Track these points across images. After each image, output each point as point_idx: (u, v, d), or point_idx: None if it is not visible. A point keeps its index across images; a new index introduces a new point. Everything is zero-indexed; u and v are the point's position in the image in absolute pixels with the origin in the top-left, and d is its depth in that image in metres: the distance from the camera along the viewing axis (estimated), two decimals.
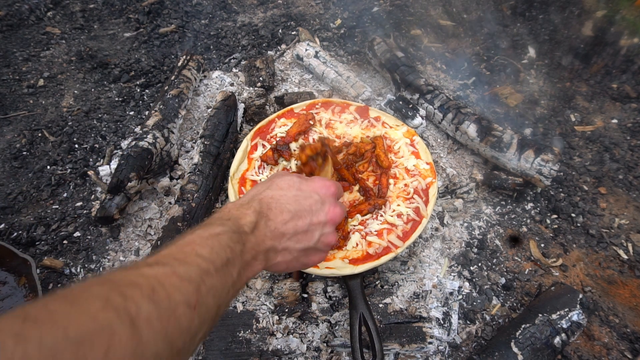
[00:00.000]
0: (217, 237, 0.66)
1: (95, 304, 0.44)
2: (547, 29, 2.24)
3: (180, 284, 0.54)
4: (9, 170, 1.73)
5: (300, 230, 0.81)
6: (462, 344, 1.30)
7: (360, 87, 1.84)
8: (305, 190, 0.86)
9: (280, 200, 0.81)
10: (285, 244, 0.79)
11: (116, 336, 0.43)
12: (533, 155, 1.52)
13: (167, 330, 0.49)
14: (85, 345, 0.40)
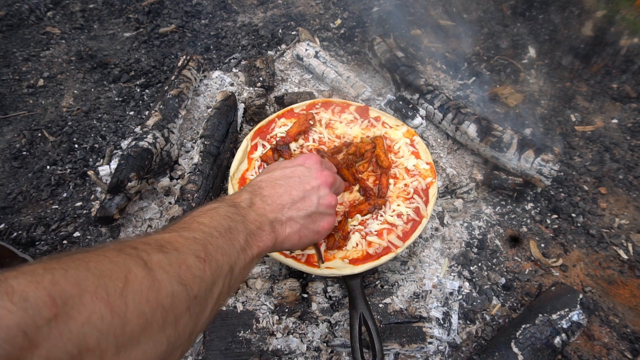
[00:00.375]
0: (215, 209, 0.70)
1: (110, 251, 0.48)
2: (547, 29, 2.24)
3: (186, 242, 0.58)
4: (9, 170, 1.73)
5: (297, 199, 0.85)
6: (462, 344, 1.30)
7: (360, 87, 1.84)
8: (290, 165, 0.92)
9: (269, 180, 0.87)
10: (287, 213, 0.82)
11: (132, 273, 0.46)
12: (533, 155, 1.52)
13: (179, 274, 0.52)
14: (105, 277, 0.44)
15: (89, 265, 0.44)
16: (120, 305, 0.43)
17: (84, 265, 0.43)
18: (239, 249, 0.67)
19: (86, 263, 0.44)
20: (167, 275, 0.50)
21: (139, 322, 0.44)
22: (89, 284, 0.42)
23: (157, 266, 0.50)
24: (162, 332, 0.48)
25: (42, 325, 0.36)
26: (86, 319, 0.40)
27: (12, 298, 0.36)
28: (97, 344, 0.40)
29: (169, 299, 0.49)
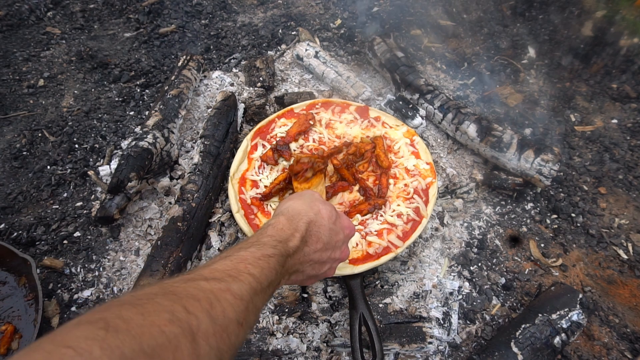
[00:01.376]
0: (268, 259, 0.72)
1: (163, 316, 0.50)
2: (547, 29, 2.24)
3: (234, 301, 0.60)
4: (9, 170, 1.73)
5: (320, 261, 0.89)
6: (462, 344, 1.30)
7: (360, 87, 1.84)
8: (338, 226, 0.94)
9: (320, 229, 0.88)
10: (304, 267, 0.86)
11: (179, 351, 0.49)
12: (533, 155, 1.52)
13: (219, 346, 0.55)
14: (156, 357, 0.46)
15: (143, 343, 0.46)
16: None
17: (139, 343, 0.45)
18: (266, 302, 0.71)
19: (140, 338, 0.46)
20: (209, 349, 0.53)
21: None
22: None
23: (203, 339, 0.52)
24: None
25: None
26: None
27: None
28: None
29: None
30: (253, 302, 0.63)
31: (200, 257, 1.45)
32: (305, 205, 0.92)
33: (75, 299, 1.38)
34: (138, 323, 0.48)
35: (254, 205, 1.43)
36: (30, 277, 1.29)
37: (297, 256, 0.82)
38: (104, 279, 1.43)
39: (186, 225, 1.37)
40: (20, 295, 1.33)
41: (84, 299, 1.38)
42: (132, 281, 1.41)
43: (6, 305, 1.31)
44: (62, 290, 1.40)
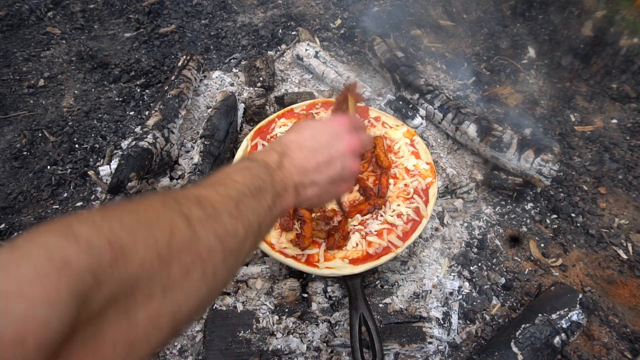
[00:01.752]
0: (248, 168, 0.74)
1: (156, 204, 0.54)
2: (547, 29, 2.25)
3: (221, 199, 0.62)
4: (9, 170, 1.73)
5: (322, 163, 0.88)
6: (462, 344, 1.30)
7: (360, 87, 1.84)
8: (321, 128, 0.94)
9: (298, 141, 0.89)
10: (311, 177, 0.86)
11: (176, 227, 0.52)
12: (533, 155, 1.53)
13: (215, 229, 0.57)
14: (154, 228, 0.49)
15: (140, 217, 0.49)
16: (166, 253, 0.48)
17: (136, 217, 0.49)
18: (267, 208, 0.71)
19: (137, 214, 0.50)
20: (205, 231, 0.55)
21: (181, 270, 0.50)
22: (141, 234, 0.47)
23: (196, 221, 0.55)
24: (202, 281, 0.53)
25: (106, 268, 0.41)
26: (139, 264, 0.45)
27: (80, 242, 0.41)
28: (148, 285, 0.46)
29: (207, 252, 0.55)
30: (243, 201, 0.65)
31: None
32: (279, 137, 0.94)
33: None
34: (132, 207, 0.51)
35: None
36: None
37: (286, 168, 0.82)
38: None
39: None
40: None
41: None
42: None
43: None
44: None
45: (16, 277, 0.35)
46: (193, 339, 1.28)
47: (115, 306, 0.42)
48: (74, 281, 0.38)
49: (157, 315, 0.47)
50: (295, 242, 1.31)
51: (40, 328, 0.34)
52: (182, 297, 0.50)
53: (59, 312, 0.35)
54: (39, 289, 0.35)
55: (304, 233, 1.32)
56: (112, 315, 0.42)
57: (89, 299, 0.39)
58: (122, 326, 0.43)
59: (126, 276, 0.43)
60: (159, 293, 0.47)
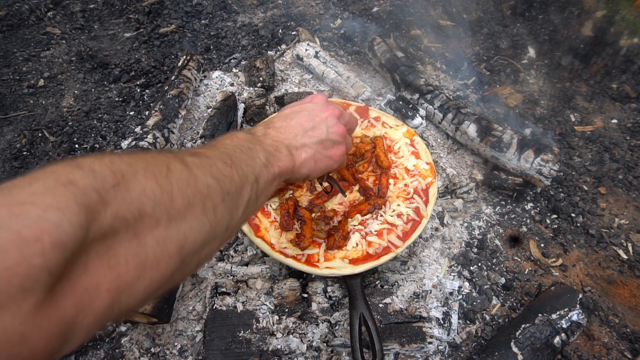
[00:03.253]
0: (235, 135, 0.79)
1: (151, 151, 0.62)
2: (547, 29, 2.25)
3: (214, 153, 0.67)
4: (9, 170, 1.73)
5: (308, 128, 0.93)
6: (462, 344, 1.30)
7: (360, 87, 1.84)
8: (298, 104, 1.02)
9: (280, 115, 0.97)
10: (300, 140, 0.90)
11: (173, 166, 0.55)
12: (533, 155, 1.52)
13: (211, 171, 0.61)
14: (152, 164, 0.53)
15: (138, 156, 0.53)
16: (166, 185, 0.52)
17: (134, 155, 0.53)
18: (261, 165, 0.75)
19: (135, 154, 0.54)
20: (202, 171, 0.59)
21: (183, 202, 0.53)
22: (139, 167, 0.51)
23: (192, 164, 0.59)
24: (204, 215, 0.57)
25: (109, 189, 0.45)
26: (142, 190, 0.49)
27: (84, 168, 0.46)
28: (153, 211, 0.49)
29: (206, 189, 0.58)
30: (235, 155, 0.69)
31: None
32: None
33: None
34: (125, 157, 0.53)
35: None
36: None
37: (272, 135, 0.87)
38: None
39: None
40: None
41: None
42: None
43: None
44: None
45: (29, 191, 0.40)
46: (193, 339, 1.28)
47: (125, 227, 0.46)
48: (80, 195, 0.42)
49: (165, 241, 0.50)
50: (295, 242, 1.31)
51: (54, 228, 0.38)
52: (187, 227, 0.54)
53: (69, 217, 0.39)
54: (49, 199, 0.40)
55: (304, 233, 1.32)
56: (123, 235, 0.46)
57: (97, 213, 0.43)
58: (133, 246, 0.47)
59: (130, 200, 0.47)
60: (165, 220, 0.51)
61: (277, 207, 1.42)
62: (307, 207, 1.41)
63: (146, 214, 0.48)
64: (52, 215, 0.38)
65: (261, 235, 1.36)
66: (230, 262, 1.41)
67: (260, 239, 1.34)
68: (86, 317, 0.42)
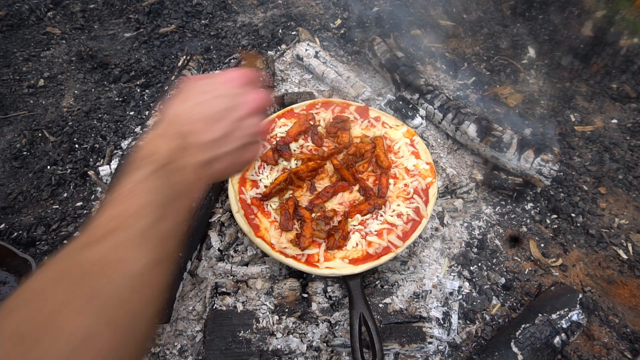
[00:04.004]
0: (141, 185, 0.64)
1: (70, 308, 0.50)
2: (547, 29, 2.24)
3: (131, 252, 0.57)
4: (9, 170, 1.73)
5: (222, 134, 0.75)
6: (462, 344, 1.30)
7: (360, 87, 1.84)
8: (210, 91, 0.78)
9: (187, 113, 0.75)
10: (211, 152, 0.75)
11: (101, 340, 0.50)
12: (533, 155, 1.52)
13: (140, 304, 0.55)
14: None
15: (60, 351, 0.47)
16: None
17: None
18: (170, 228, 0.66)
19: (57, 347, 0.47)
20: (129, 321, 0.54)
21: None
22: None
23: (119, 327, 0.52)
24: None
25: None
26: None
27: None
28: None
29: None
30: (152, 236, 0.60)
31: (200, 257, 1.45)
32: (165, 109, 0.79)
33: None
34: (52, 326, 0.47)
35: (254, 205, 1.43)
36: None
37: (179, 155, 0.70)
38: None
39: (186, 225, 1.37)
40: None
41: None
42: None
43: None
44: None
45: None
46: (193, 339, 1.28)
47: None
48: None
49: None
50: (295, 242, 1.31)
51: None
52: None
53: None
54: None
55: (304, 233, 1.32)
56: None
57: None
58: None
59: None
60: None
61: (277, 207, 1.42)
62: (307, 207, 1.41)
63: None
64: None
65: (261, 235, 1.35)
66: (230, 262, 1.41)
67: (260, 239, 1.34)
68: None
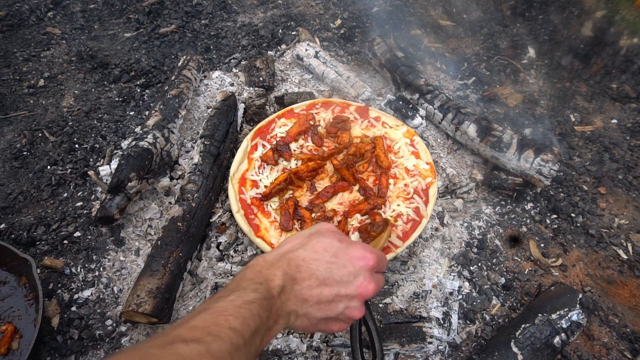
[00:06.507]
0: (250, 305, 0.67)
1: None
2: (546, 29, 2.25)
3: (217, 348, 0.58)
4: (10, 170, 1.73)
5: (325, 300, 0.78)
6: (462, 344, 1.30)
7: (360, 87, 1.84)
8: (341, 258, 0.82)
9: (311, 264, 0.79)
10: (306, 309, 0.78)
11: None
12: (533, 155, 1.53)
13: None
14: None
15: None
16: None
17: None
18: (253, 353, 0.66)
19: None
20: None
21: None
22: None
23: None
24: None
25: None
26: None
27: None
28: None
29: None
30: (234, 358, 0.60)
31: (200, 257, 1.45)
32: (296, 240, 0.84)
33: (75, 299, 1.38)
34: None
35: (254, 205, 1.43)
36: (31, 277, 1.29)
37: (285, 296, 0.74)
38: (104, 279, 1.43)
39: (186, 225, 1.37)
40: (21, 295, 1.33)
41: (84, 299, 1.39)
42: (132, 281, 1.41)
43: (6, 305, 1.32)
44: (62, 290, 1.41)
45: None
46: None
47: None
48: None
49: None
50: None
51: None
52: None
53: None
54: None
55: None
56: None
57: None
58: None
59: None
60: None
61: (277, 207, 1.42)
62: (307, 207, 1.41)
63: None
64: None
65: (261, 235, 1.36)
66: (230, 262, 1.41)
67: (260, 239, 1.34)
68: None
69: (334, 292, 0.79)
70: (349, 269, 0.81)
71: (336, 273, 0.79)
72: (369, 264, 0.84)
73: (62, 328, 1.32)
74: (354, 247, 0.85)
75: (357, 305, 0.82)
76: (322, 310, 0.79)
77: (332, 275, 0.79)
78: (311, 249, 0.81)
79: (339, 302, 0.80)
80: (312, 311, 0.78)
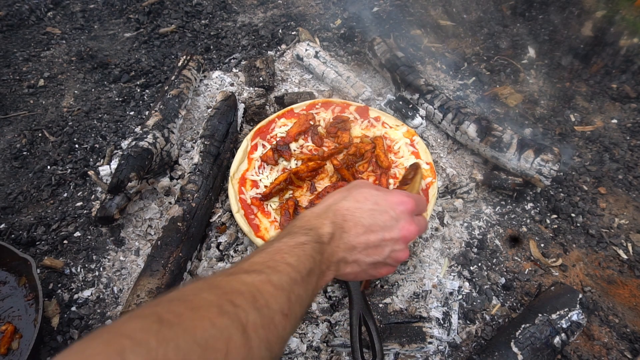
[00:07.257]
0: (303, 246, 0.71)
1: (212, 309, 0.52)
2: (547, 29, 2.25)
3: (275, 292, 0.61)
4: (9, 170, 1.73)
5: (372, 245, 0.83)
6: (462, 344, 1.30)
7: (360, 87, 1.84)
8: (382, 204, 0.87)
9: (355, 213, 0.84)
10: (355, 256, 0.82)
11: (232, 341, 0.50)
12: (533, 155, 1.52)
13: (268, 337, 0.56)
14: (209, 348, 0.48)
15: (196, 335, 0.48)
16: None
17: (192, 335, 0.47)
18: (311, 292, 0.70)
19: (194, 332, 0.48)
20: (259, 341, 0.55)
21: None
22: (194, 358, 0.46)
23: (252, 331, 0.54)
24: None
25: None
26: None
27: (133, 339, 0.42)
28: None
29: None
30: (294, 292, 0.64)
31: (200, 257, 1.45)
32: (337, 194, 0.89)
33: (75, 299, 1.38)
34: (189, 317, 0.50)
35: (254, 205, 1.43)
36: (31, 277, 1.29)
37: (336, 243, 0.79)
38: (104, 279, 1.43)
39: (186, 225, 1.37)
40: (21, 295, 1.33)
41: (84, 299, 1.38)
42: (132, 281, 1.41)
43: (6, 305, 1.32)
44: (62, 290, 1.41)
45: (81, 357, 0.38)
46: None
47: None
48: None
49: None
50: None
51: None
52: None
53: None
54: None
55: None
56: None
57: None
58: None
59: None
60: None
61: (277, 207, 1.42)
62: (307, 207, 1.41)
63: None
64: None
65: (261, 236, 1.35)
66: (230, 262, 1.41)
67: (260, 239, 1.34)
68: None
69: (380, 237, 0.83)
70: (391, 214, 0.86)
71: (379, 219, 0.84)
72: (408, 207, 0.89)
73: (62, 328, 1.32)
74: (392, 194, 0.90)
75: (402, 247, 0.87)
76: (370, 255, 0.83)
77: (376, 222, 0.84)
78: (353, 200, 0.86)
79: (385, 246, 0.84)
80: (361, 257, 0.82)
